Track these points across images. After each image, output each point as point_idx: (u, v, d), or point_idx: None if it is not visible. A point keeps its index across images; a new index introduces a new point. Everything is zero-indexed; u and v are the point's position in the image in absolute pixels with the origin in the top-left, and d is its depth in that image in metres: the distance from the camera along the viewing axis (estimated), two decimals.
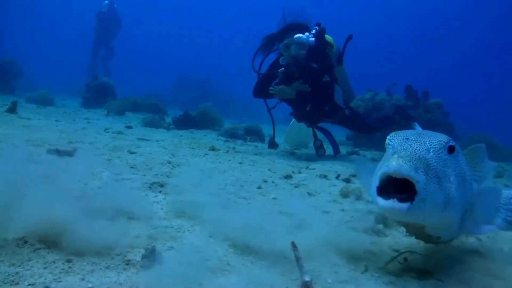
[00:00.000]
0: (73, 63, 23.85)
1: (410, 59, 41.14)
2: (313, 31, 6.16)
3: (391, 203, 1.66)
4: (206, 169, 4.26)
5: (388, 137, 1.93)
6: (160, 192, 3.20)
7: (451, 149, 1.84)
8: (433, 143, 1.80)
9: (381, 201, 1.69)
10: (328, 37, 6.30)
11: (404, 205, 1.65)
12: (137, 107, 11.55)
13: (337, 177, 4.57)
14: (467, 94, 33.40)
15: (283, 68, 6.10)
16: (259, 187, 3.71)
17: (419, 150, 1.74)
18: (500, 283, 2.00)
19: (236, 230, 2.30)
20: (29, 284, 1.62)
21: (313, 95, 6.07)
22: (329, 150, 6.48)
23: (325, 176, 4.55)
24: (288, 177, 4.34)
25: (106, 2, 19.15)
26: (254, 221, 2.42)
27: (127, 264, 1.87)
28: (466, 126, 12.81)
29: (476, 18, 42.14)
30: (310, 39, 5.97)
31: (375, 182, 1.76)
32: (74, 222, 2.05)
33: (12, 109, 7.11)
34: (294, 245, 1.99)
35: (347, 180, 4.43)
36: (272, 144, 6.75)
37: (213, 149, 5.79)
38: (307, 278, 1.80)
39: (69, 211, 2.12)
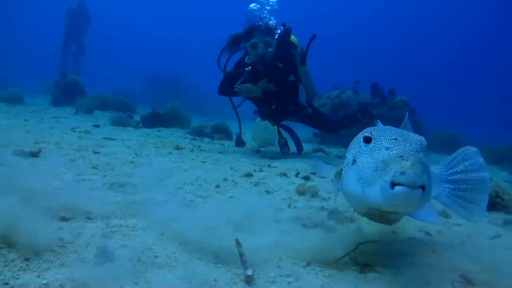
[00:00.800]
0: (43, 60, 23.53)
1: (375, 57, 41.75)
2: (278, 31, 6.30)
3: (407, 189, 1.70)
4: (167, 169, 4.33)
5: (371, 135, 1.97)
6: (119, 192, 3.26)
7: (425, 146, 1.98)
8: (417, 143, 1.91)
9: (397, 188, 1.72)
10: (292, 37, 6.42)
11: (419, 191, 1.72)
12: (106, 105, 11.51)
13: (297, 175, 4.67)
14: (434, 92, 34.03)
15: (250, 67, 6.20)
16: (218, 186, 3.78)
17: (415, 151, 1.85)
18: (438, 273, 2.13)
19: (188, 228, 2.39)
20: None
21: (279, 94, 6.20)
22: (294, 148, 6.63)
23: (285, 174, 4.63)
24: (248, 175, 4.42)
25: None
26: (206, 219, 2.51)
27: (80, 262, 1.96)
28: (434, 123, 13.14)
29: (440, 14, 42.87)
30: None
31: (382, 183, 1.77)
32: (34, 223, 2.15)
33: None
34: (238, 242, 2.14)
35: (306, 178, 4.52)
36: (239, 142, 6.81)
37: (177, 148, 5.84)
38: (249, 273, 1.95)
39: (30, 212, 2.24)
